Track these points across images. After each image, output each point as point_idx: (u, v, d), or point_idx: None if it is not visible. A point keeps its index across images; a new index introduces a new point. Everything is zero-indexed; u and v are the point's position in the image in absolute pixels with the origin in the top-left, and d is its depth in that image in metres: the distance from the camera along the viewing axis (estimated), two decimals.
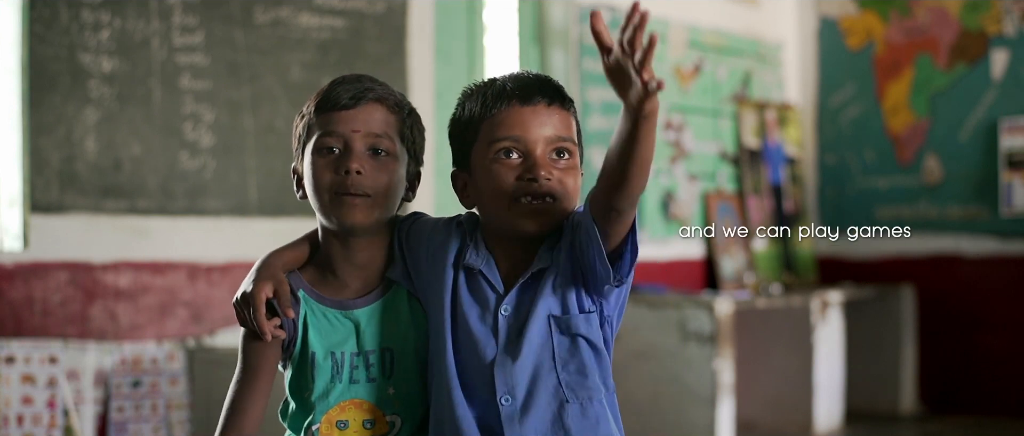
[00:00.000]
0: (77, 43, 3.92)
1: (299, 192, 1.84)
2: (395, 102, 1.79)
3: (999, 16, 5.81)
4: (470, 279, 1.74)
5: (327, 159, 1.75)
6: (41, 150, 3.84)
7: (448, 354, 1.71)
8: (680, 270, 5.70)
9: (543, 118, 1.71)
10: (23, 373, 3.70)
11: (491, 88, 1.75)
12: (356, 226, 1.74)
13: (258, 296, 1.75)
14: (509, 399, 1.69)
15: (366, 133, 1.75)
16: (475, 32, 5.14)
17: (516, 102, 1.72)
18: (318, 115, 1.77)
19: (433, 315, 1.75)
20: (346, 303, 1.78)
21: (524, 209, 1.69)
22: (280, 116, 4.36)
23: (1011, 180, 5.70)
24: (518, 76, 1.76)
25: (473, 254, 1.74)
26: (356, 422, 1.75)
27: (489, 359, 1.70)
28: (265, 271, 1.78)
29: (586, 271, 1.69)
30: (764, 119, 6.23)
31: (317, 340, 1.77)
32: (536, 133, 1.70)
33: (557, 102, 1.74)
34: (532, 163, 1.69)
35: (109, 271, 3.99)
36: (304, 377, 1.77)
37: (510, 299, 1.71)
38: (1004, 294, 5.76)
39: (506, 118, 1.71)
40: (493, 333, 1.71)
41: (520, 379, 1.69)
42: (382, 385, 1.76)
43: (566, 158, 1.72)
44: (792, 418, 5.36)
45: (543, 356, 1.70)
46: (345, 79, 1.79)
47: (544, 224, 1.70)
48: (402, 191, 1.80)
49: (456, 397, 1.70)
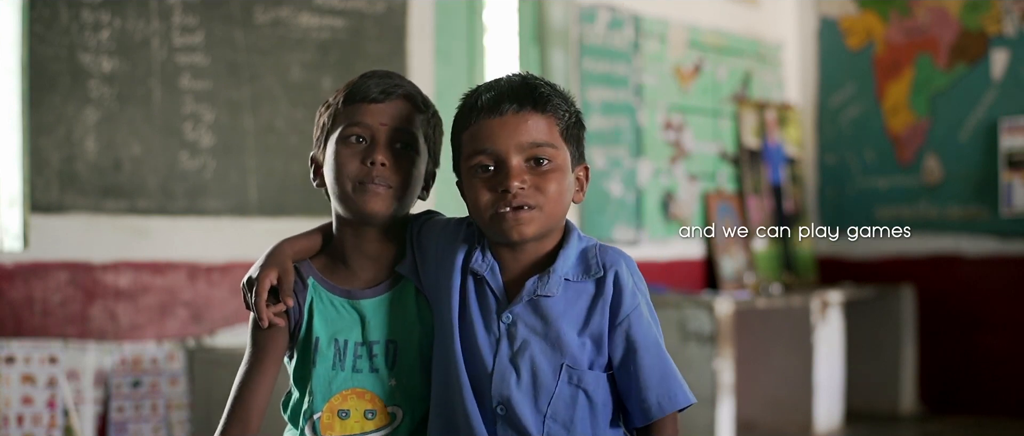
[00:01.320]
0: (77, 43, 3.92)
1: (316, 180, 1.87)
2: (421, 100, 1.83)
3: (999, 16, 5.81)
4: (477, 284, 1.75)
5: (353, 149, 1.78)
6: (41, 150, 3.84)
7: (458, 357, 1.71)
8: (680, 270, 5.70)
9: (512, 127, 1.69)
10: (23, 373, 3.70)
11: (469, 99, 1.75)
12: (375, 215, 1.77)
13: (262, 282, 1.78)
14: (503, 410, 1.70)
15: (393, 127, 1.78)
16: (475, 32, 5.14)
17: (485, 113, 1.70)
18: (346, 106, 1.80)
19: (440, 317, 1.76)
20: (354, 293, 1.81)
21: (501, 220, 1.68)
22: (280, 116, 4.36)
23: (1011, 180, 5.70)
24: (493, 84, 1.75)
25: (479, 259, 1.74)
26: (358, 411, 1.77)
27: (488, 366, 1.71)
28: (273, 258, 1.82)
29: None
30: (764, 119, 6.23)
31: (321, 326, 1.79)
32: (506, 143, 1.68)
33: (528, 106, 1.71)
34: (504, 175, 1.68)
35: (109, 271, 3.99)
36: (307, 363, 1.79)
37: (513, 309, 1.71)
38: (1004, 294, 5.76)
39: (478, 131, 1.71)
40: (495, 341, 1.71)
41: (516, 393, 1.70)
42: (384, 376, 1.78)
43: (546, 164, 1.70)
44: (792, 418, 5.36)
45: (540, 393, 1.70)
46: (375, 74, 1.83)
47: (526, 233, 1.69)
48: (420, 188, 1.84)
49: (468, 402, 1.70)
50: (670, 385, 1.72)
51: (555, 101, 1.74)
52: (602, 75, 5.45)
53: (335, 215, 1.84)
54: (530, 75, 1.76)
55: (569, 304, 1.71)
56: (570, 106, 1.76)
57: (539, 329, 1.70)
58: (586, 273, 1.72)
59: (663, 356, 1.74)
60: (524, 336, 1.70)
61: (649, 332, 1.73)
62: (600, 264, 1.72)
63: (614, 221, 5.42)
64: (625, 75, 5.54)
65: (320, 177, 1.85)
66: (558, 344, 1.70)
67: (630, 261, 1.75)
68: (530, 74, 1.77)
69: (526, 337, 1.70)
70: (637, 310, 1.72)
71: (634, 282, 1.73)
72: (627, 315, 1.71)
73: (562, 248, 1.74)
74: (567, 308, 1.71)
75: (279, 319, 1.78)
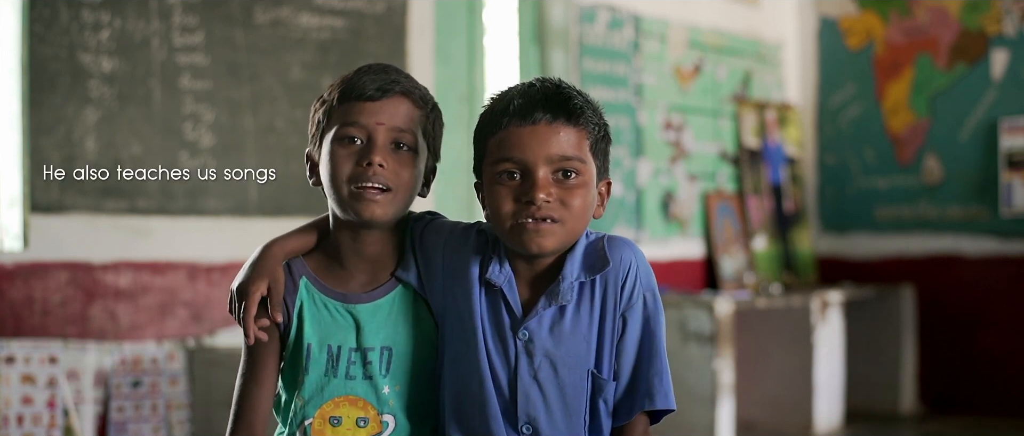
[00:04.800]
0: (77, 43, 3.92)
1: (312, 178, 1.79)
2: (420, 96, 1.76)
3: (999, 16, 5.80)
4: (490, 295, 1.70)
5: (349, 150, 1.70)
6: (41, 150, 3.84)
7: (486, 375, 1.67)
8: (680, 270, 5.70)
9: (544, 137, 1.64)
10: (23, 373, 3.70)
11: (501, 102, 1.69)
12: (374, 220, 1.70)
13: (251, 295, 1.72)
14: (530, 429, 1.67)
15: (390, 127, 1.71)
16: (475, 32, 5.14)
17: (516, 120, 1.65)
18: (341, 104, 1.72)
19: (456, 330, 1.71)
20: (349, 297, 1.75)
21: (522, 231, 1.64)
22: (280, 116, 4.36)
23: (1011, 180, 5.70)
24: (526, 89, 1.69)
25: (495, 270, 1.69)
26: (350, 419, 1.73)
27: (506, 382, 1.67)
28: (263, 265, 1.75)
29: None
30: (764, 119, 6.23)
31: (312, 331, 1.74)
32: (535, 153, 1.64)
33: (562, 117, 1.66)
34: (530, 185, 1.64)
35: (109, 271, 3.99)
36: (297, 368, 1.74)
37: (529, 325, 1.67)
38: (1004, 294, 5.76)
39: (507, 137, 1.66)
40: (512, 357, 1.67)
41: (541, 410, 1.67)
42: (379, 384, 1.73)
43: (573, 177, 1.65)
44: (792, 418, 5.35)
45: (571, 395, 1.68)
46: (371, 68, 1.75)
47: (546, 246, 1.65)
48: (420, 186, 1.77)
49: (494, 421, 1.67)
50: (664, 382, 1.71)
51: (587, 113, 1.69)
52: (602, 75, 5.45)
53: (332, 214, 1.77)
54: (564, 84, 1.70)
55: (585, 309, 1.68)
56: (600, 119, 1.72)
57: (558, 343, 1.67)
58: (595, 269, 1.69)
59: (662, 353, 1.72)
60: (543, 351, 1.67)
61: (651, 321, 1.71)
62: (607, 256, 1.69)
63: (614, 221, 5.42)
64: (625, 75, 5.54)
65: (316, 175, 1.77)
66: (579, 355, 1.67)
67: (636, 250, 1.72)
68: (564, 82, 1.71)
69: (546, 352, 1.67)
70: (642, 298, 1.70)
71: (639, 268, 1.70)
72: (633, 302, 1.69)
73: (570, 252, 1.70)
74: (583, 313, 1.68)
75: (264, 335, 1.72)
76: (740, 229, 5.98)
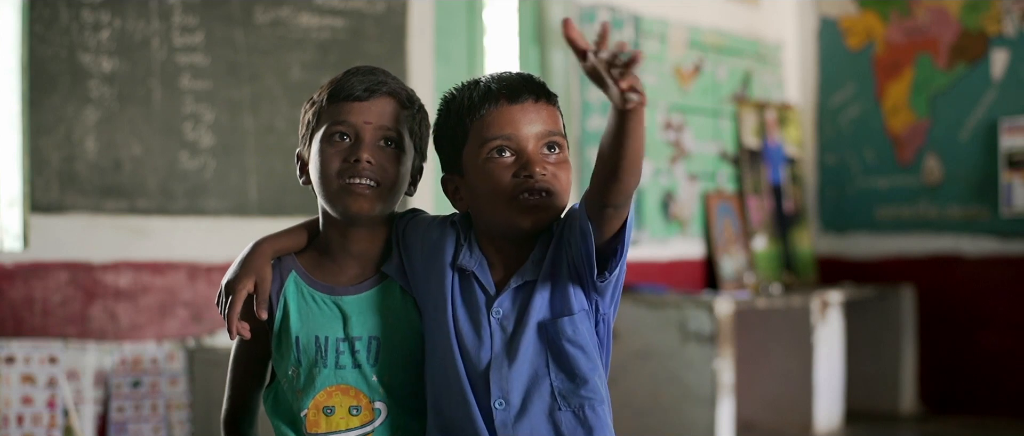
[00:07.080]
0: (77, 43, 3.92)
1: (302, 177, 1.86)
2: (406, 97, 1.82)
3: (999, 16, 5.81)
4: (463, 280, 1.75)
5: (337, 147, 1.76)
6: (41, 150, 3.84)
7: (456, 356, 1.71)
8: (680, 270, 5.70)
9: (532, 115, 1.72)
10: (23, 373, 3.70)
11: (476, 90, 1.75)
12: (361, 215, 1.76)
13: (238, 293, 1.78)
14: (503, 403, 1.70)
15: (377, 125, 1.77)
16: (475, 32, 5.14)
17: (504, 101, 1.72)
18: (330, 104, 1.79)
19: (432, 316, 1.75)
20: (337, 290, 1.80)
21: (522, 206, 1.69)
22: (280, 116, 4.36)
23: (1011, 180, 5.70)
24: (501, 76, 1.77)
25: (466, 255, 1.75)
26: (342, 408, 1.77)
27: (483, 362, 1.70)
28: (251, 262, 1.82)
29: (578, 268, 1.69)
30: (764, 119, 6.23)
31: (298, 323, 1.79)
32: (527, 130, 1.71)
33: (544, 98, 1.74)
34: (527, 160, 1.70)
35: (109, 271, 3.99)
36: (286, 358, 1.79)
37: (502, 302, 1.72)
38: (1004, 294, 5.76)
39: (497, 117, 1.72)
40: (487, 335, 1.71)
41: (515, 385, 1.69)
42: (368, 372, 1.77)
43: (557, 152, 1.73)
44: (792, 418, 5.36)
45: (538, 362, 1.70)
46: (359, 70, 1.82)
47: (541, 220, 1.71)
48: (406, 185, 1.82)
49: (469, 399, 1.70)
50: None
51: (556, 98, 1.78)
52: None
53: (321, 211, 1.83)
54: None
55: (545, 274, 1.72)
56: None
57: (529, 314, 1.70)
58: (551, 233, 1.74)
59: None
60: (516, 325, 1.71)
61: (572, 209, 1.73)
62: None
63: None
64: None
65: (306, 174, 1.84)
66: (537, 308, 1.70)
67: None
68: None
69: (519, 325, 1.71)
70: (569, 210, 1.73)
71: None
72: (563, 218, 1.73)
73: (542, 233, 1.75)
74: (545, 280, 1.72)
75: (247, 332, 1.78)
76: (740, 229, 5.98)
